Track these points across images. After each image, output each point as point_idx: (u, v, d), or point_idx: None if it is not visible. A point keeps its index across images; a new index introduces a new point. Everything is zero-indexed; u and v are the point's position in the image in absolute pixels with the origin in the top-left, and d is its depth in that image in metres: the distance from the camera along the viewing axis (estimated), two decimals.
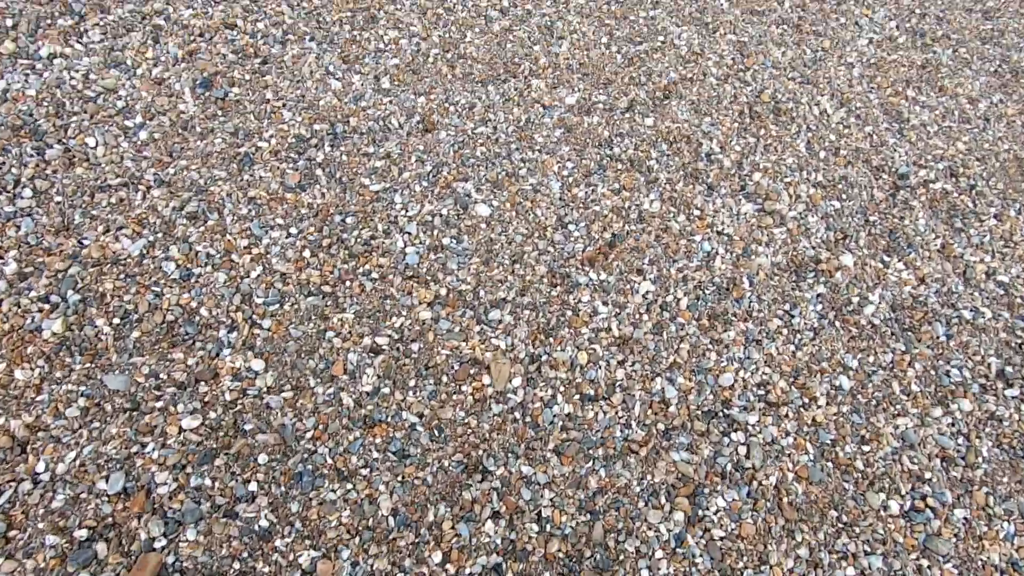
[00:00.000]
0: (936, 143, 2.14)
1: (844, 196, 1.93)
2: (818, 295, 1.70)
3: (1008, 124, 2.28)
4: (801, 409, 1.49)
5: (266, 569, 1.16)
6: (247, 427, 1.28)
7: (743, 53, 2.27)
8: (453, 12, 2.14)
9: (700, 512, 1.32)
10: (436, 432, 1.34)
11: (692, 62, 2.20)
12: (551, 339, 1.50)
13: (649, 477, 1.34)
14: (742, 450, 1.41)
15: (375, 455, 1.29)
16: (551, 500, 1.30)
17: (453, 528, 1.24)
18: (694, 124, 2.00)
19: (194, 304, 1.41)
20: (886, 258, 1.81)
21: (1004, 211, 1.99)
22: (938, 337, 1.67)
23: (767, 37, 2.35)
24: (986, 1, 2.78)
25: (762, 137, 2.01)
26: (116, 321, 1.36)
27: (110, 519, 1.16)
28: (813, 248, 1.79)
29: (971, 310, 1.73)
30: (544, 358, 1.47)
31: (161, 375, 1.31)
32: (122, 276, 1.42)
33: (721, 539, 1.30)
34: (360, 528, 1.22)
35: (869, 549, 1.33)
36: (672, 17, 2.33)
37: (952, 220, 1.94)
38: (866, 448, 1.46)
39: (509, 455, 1.33)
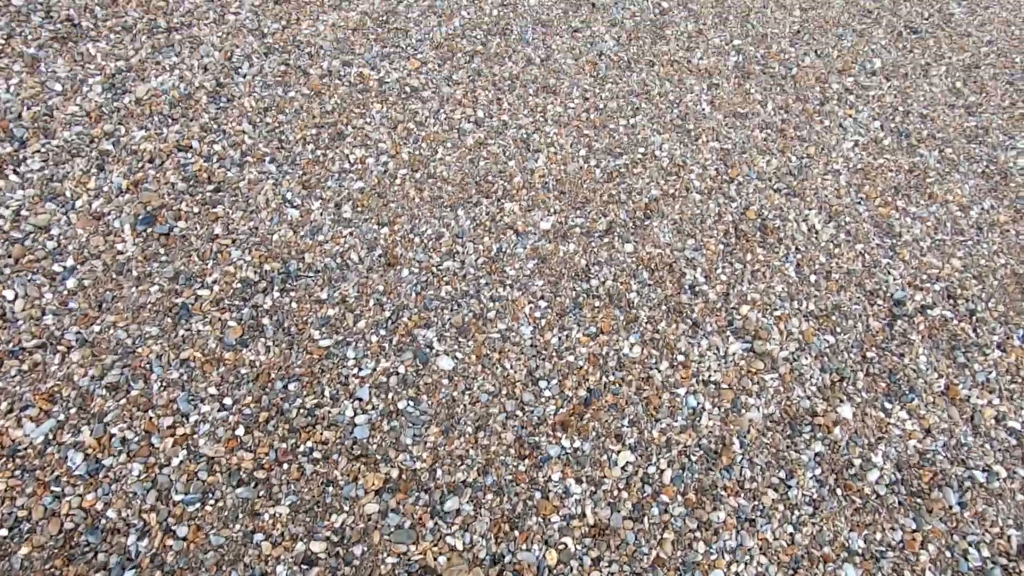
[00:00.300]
0: (931, 260, 1.89)
1: (838, 328, 1.67)
2: (816, 455, 1.43)
3: (1002, 233, 2.04)
4: None
5: None
6: None
7: (727, 163, 2.03)
8: (425, 126, 1.91)
9: None
10: None
11: (674, 175, 1.96)
12: (516, 531, 1.22)
13: None
14: None
15: None
16: None
17: None
18: (677, 249, 1.75)
19: (100, 506, 1.13)
20: (887, 405, 1.54)
21: (1007, 339, 1.73)
22: (951, 507, 1.39)
23: (751, 143, 2.12)
24: (967, 96, 2.58)
25: (749, 263, 1.76)
26: (3, 534, 1.08)
27: None
28: (808, 398, 1.52)
29: (983, 469, 1.46)
30: (507, 558, 1.19)
31: None
32: (18, 472, 1.14)
33: None
34: None
35: None
36: (653, 124, 2.10)
37: (954, 353, 1.68)
38: None
39: None
